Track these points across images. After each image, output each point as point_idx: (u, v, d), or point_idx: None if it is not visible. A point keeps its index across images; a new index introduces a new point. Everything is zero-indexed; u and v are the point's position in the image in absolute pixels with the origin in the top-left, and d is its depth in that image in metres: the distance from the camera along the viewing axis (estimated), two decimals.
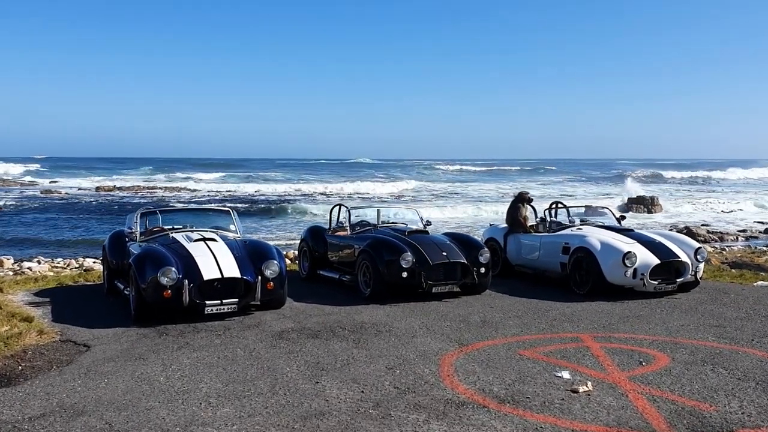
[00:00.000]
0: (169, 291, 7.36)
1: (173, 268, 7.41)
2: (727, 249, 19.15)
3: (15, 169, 67.65)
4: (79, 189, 49.09)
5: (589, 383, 5.25)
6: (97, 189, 48.22)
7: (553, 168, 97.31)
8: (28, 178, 59.99)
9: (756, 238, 23.54)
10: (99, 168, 79.72)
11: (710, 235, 23.27)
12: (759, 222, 28.36)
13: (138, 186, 51.20)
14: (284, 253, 16.23)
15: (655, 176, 71.22)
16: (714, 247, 19.62)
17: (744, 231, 25.18)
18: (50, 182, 55.78)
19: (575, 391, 5.12)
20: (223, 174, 68.01)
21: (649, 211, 33.88)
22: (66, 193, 44.33)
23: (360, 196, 44.68)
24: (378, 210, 11.71)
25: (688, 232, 22.19)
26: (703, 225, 26.71)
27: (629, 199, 37.11)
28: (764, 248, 19.27)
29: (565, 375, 5.54)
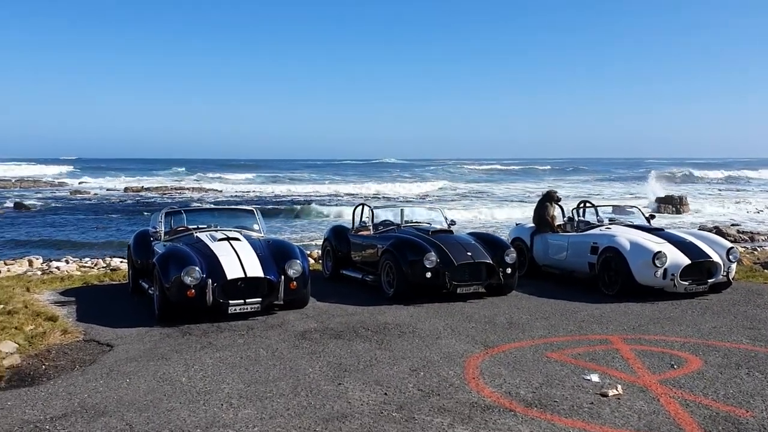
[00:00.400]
0: (193, 290, 7.33)
1: (197, 268, 7.38)
2: (758, 249, 18.72)
3: (50, 170, 68.98)
4: (108, 189, 49.69)
5: (619, 386, 5.09)
6: (125, 189, 48.77)
7: (584, 167, 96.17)
8: (64, 179, 60.94)
9: None
10: (128, 169, 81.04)
11: (740, 235, 22.79)
12: None
13: (165, 186, 51.68)
14: (307, 252, 16.28)
15: (686, 175, 69.78)
16: (745, 247, 19.17)
17: None
18: (79, 182, 56.58)
19: (605, 395, 4.97)
20: (252, 174, 68.48)
21: (678, 211, 33.29)
22: (94, 194, 44.89)
23: (385, 196, 44.55)
24: (401, 209, 11.61)
25: (718, 231, 21.73)
26: (732, 225, 26.18)
27: (657, 198, 36.56)
28: None
29: (594, 378, 5.39)
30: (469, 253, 8.93)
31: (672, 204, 34.38)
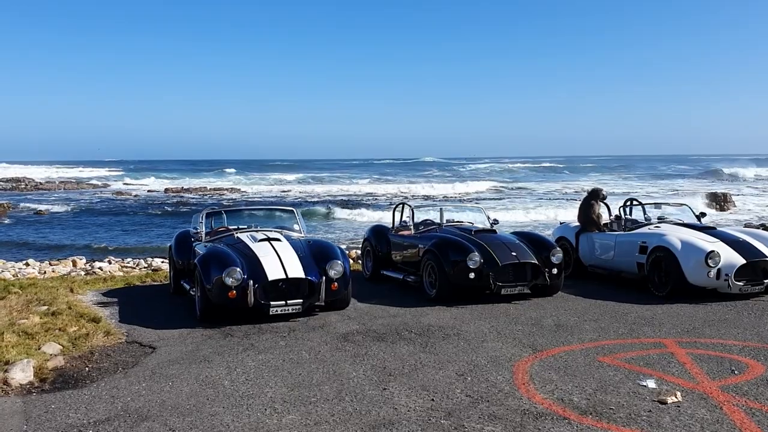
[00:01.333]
0: (234, 291, 7.26)
1: (238, 269, 7.31)
2: None
3: (98, 173, 70.74)
4: (149, 191, 50.45)
5: (678, 393, 4.85)
6: (166, 190, 49.47)
7: (624, 166, 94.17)
8: (111, 181, 62.25)
9: None
10: (173, 169, 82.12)
11: None
12: None
13: (203, 187, 52.29)
14: (347, 252, 16.18)
15: (734, 174, 66.84)
16: None
17: None
18: (123, 184, 57.63)
19: (663, 402, 4.73)
20: (300, 175, 68.50)
21: (721, 209, 32.43)
22: (136, 195, 45.59)
23: (428, 197, 44.09)
24: (441, 209, 11.41)
25: (765, 229, 21.04)
26: None
27: (707, 194, 35.66)
28: None
29: (651, 384, 5.15)
30: (514, 253, 8.71)
31: (716, 201, 33.53)
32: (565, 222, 11.96)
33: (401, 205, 11.36)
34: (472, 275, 8.45)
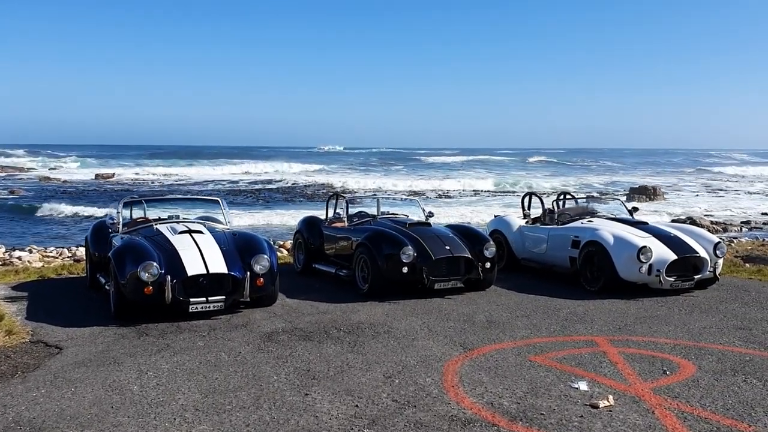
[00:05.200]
0: (151, 287, 6.80)
1: (155, 263, 6.85)
2: (735, 241, 18.59)
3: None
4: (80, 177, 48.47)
5: (610, 397, 4.69)
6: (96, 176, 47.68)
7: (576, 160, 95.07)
8: (27, 165, 59.19)
9: (760, 229, 23.01)
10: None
11: (714, 226, 22.68)
12: (764, 213, 27.73)
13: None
14: (281, 243, 15.73)
15: (700, 171, 65.94)
16: (721, 238, 19.03)
17: (748, 222, 24.60)
18: (49, 170, 55.15)
19: (595, 406, 4.56)
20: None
21: (651, 201, 33.41)
22: (64, 181, 43.75)
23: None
24: (378, 200, 11.14)
25: (692, 222, 21.64)
26: (706, 215, 26.14)
27: (632, 188, 36.68)
28: None
29: (583, 386, 4.99)
30: (448, 247, 8.50)
31: (646, 194, 34.50)
32: (500, 215, 11.85)
33: (335, 196, 11.02)
34: (405, 269, 8.21)
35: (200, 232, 7.72)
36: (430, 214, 10.36)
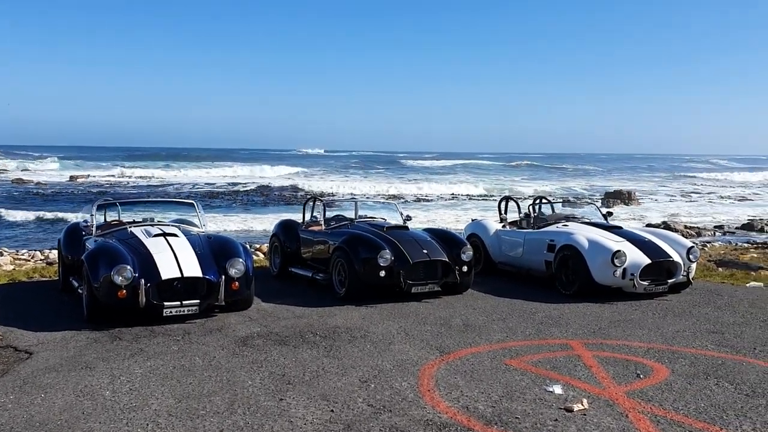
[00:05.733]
0: (124, 291, 6.72)
1: (128, 266, 6.77)
2: (708, 245, 18.84)
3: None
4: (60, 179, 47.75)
5: (585, 400, 4.72)
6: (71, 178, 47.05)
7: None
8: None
9: (733, 233, 23.34)
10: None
11: (688, 230, 22.96)
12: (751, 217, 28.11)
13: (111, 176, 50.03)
14: (258, 247, 15.65)
15: (677, 176, 66.19)
16: (694, 242, 19.27)
17: (721, 227, 24.95)
18: (21, 171, 54.30)
19: (569, 410, 4.59)
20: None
21: (626, 205, 33.76)
22: (38, 183, 43.10)
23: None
24: (356, 203, 11.13)
25: (666, 226, 21.90)
26: (680, 220, 26.45)
27: (607, 193, 37.06)
28: (745, 244, 19.01)
29: (557, 390, 5.01)
30: (425, 251, 8.51)
31: (620, 199, 34.87)
32: (477, 219, 11.90)
33: (312, 199, 10.99)
34: (382, 273, 8.19)
35: (175, 235, 7.64)
36: (408, 218, 10.36)
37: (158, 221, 8.62)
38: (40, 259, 13.99)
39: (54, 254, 14.46)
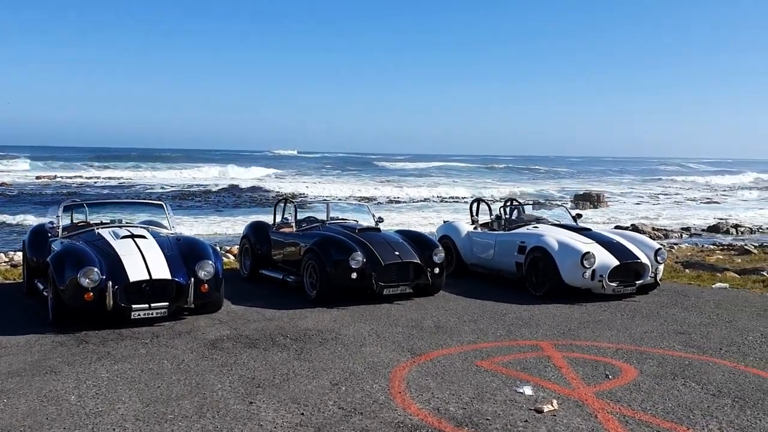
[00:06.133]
0: (91, 293, 6.60)
1: (95, 268, 6.65)
2: (675, 247, 19.15)
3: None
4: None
5: (555, 401, 4.75)
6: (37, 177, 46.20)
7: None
8: None
9: (699, 235, 23.75)
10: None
11: (655, 232, 23.30)
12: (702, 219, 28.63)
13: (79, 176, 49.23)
14: (228, 249, 15.51)
15: (646, 179, 66.82)
16: (662, 244, 19.55)
17: (688, 229, 25.36)
18: None
19: (539, 411, 4.61)
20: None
21: (595, 207, 34.20)
22: (2, 183, 42.22)
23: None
24: (328, 205, 11.09)
25: (634, 229, 22.20)
26: (647, 223, 26.84)
27: (576, 196, 37.49)
28: (712, 246, 19.35)
29: (527, 391, 5.03)
30: (397, 253, 8.50)
31: (590, 201, 35.30)
32: (449, 221, 11.94)
33: (283, 201, 10.92)
34: (354, 275, 8.17)
35: (143, 236, 7.53)
36: (380, 220, 10.35)
37: (126, 223, 8.49)
38: (4, 262, 13.70)
39: (18, 256, 14.20)
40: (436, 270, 8.66)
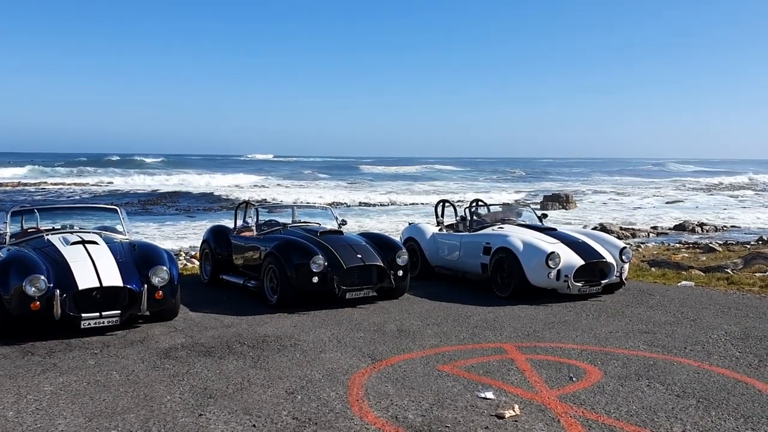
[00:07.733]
0: (38, 302, 6.31)
1: (42, 276, 6.36)
2: (642, 246, 19.27)
3: None
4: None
5: (516, 406, 4.61)
6: None
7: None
8: None
9: (666, 234, 23.96)
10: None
11: (623, 231, 23.46)
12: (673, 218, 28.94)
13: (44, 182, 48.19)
14: (193, 254, 15.21)
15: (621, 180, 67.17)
16: (629, 243, 19.68)
17: (655, 228, 25.59)
18: None
19: (501, 417, 4.46)
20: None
21: (564, 208, 34.42)
22: None
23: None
24: (293, 208, 10.88)
25: (602, 228, 22.33)
26: (615, 223, 27.04)
27: (545, 196, 37.71)
28: (678, 245, 19.51)
29: (489, 395, 4.89)
30: (359, 255, 8.33)
31: (559, 201, 35.54)
32: (414, 222, 11.79)
33: (244, 204, 10.68)
34: (315, 279, 7.97)
35: (95, 242, 7.25)
36: (344, 222, 10.17)
37: (79, 228, 8.18)
38: None
39: None
40: (400, 272, 8.50)
